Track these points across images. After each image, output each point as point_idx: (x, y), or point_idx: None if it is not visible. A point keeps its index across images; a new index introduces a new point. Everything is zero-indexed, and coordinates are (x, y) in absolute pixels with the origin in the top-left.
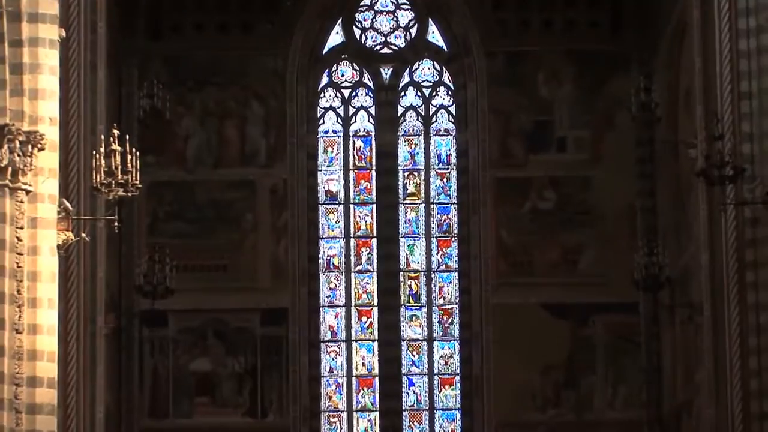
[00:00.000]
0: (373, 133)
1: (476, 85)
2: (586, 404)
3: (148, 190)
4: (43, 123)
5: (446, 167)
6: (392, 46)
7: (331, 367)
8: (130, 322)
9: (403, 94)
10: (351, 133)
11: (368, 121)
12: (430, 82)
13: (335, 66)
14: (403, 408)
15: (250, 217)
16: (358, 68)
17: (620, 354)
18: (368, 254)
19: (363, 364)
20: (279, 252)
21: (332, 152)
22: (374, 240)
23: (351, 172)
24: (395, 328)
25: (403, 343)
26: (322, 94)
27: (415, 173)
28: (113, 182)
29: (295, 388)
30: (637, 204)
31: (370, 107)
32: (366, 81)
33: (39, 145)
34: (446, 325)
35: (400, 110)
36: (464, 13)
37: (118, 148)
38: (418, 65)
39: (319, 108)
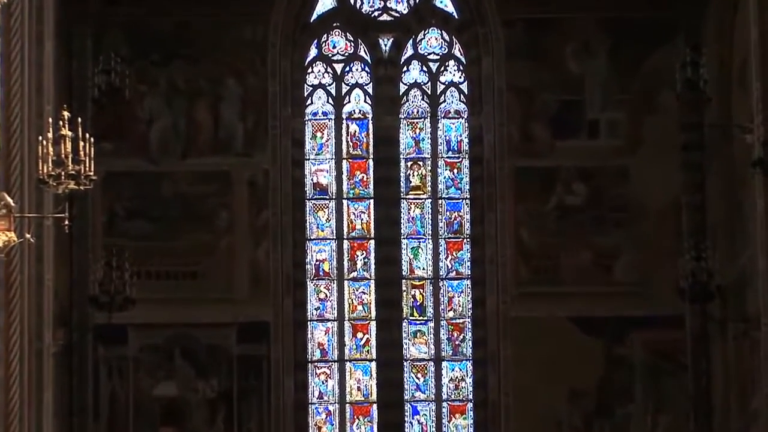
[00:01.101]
0: (370, 116)
1: (492, 59)
2: None
3: (104, 183)
4: None
5: (457, 156)
6: (393, 13)
7: (320, 391)
8: (82, 338)
9: (405, 69)
10: (344, 116)
11: (364, 101)
12: (438, 55)
13: (325, 36)
14: None
15: (225, 215)
16: (352, 39)
17: (662, 376)
18: (364, 259)
19: (358, 388)
20: (259, 256)
21: (322, 138)
22: (372, 242)
23: (344, 161)
24: (396, 346)
25: (405, 363)
26: (309, 70)
27: (420, 163)
28: (63, 174)
29: (278, 417)
30: (683, 199)
31: (366, 85)
32: (362, 54)
33: None
34: (457, 343)
35: (403, 88)
36: None
37: (69, 134)
38: (424, 35)
39: (306, 86)
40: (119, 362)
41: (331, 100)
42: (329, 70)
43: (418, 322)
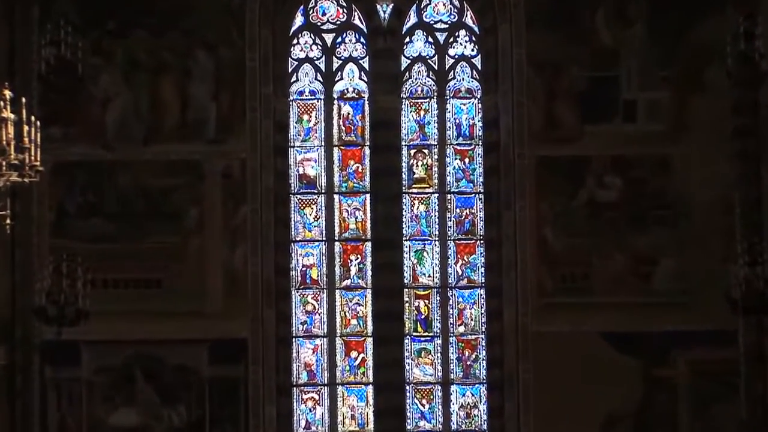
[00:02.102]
0: (366, 96)
1: (510, 28)
2: None
3: (53, 175)
4: None
5: (468, 143)
6: None
7: (307, 420)
8: (27, 357)
9: (408, 40)
10: (335, 95)
11: (359, 78)
12: (446, 23)
13: (313, 1)
14: None
15: (195, 213)
16: (345, 4)
17: (711, 401)
18: (359, 264)
19: (352, 416)
20: (235, 261)
21: (309, 122)
22: (368, 244)
23: (336, 149)
24: (397, 367)
25: (408, 387)
26: (295, 41)
27: (425, 151)
28: (4, 164)
29: None
30: (735, 194)
31: (362, 59)
32: (356, 22)
33: None
34: (468, 363)
35: (405, 63)
36: None
37: (11, 116)
38: (429, 0)
39: (291, 60)
40: (70, 385)
41: (320, 77)
42: (318, 41)
43: (422, 338)
